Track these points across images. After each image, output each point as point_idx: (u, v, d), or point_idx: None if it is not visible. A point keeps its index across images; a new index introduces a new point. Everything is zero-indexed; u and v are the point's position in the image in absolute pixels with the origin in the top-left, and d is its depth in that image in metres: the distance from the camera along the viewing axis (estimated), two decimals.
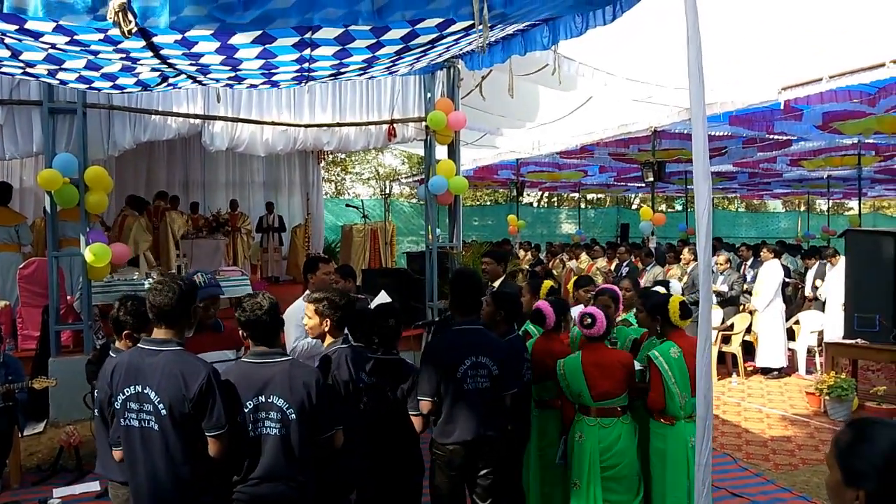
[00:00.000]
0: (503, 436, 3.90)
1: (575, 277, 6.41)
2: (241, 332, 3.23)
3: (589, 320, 4.12)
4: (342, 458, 3.41)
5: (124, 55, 3.94)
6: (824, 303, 10.05)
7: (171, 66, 4.22)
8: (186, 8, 3.08)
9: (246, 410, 3.02)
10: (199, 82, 5.09)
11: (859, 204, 17.24)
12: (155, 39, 3.59)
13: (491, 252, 6.21)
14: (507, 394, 3.88)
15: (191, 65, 4.19)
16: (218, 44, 3.70)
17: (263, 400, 3.04)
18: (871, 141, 12.34)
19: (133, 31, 2.92)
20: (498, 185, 23.20)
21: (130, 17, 2.84)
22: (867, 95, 8.88)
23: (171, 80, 4.87)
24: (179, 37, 3.52)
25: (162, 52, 3.84)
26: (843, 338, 7.97)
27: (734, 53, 7.43)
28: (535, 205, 31.38)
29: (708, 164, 3.19)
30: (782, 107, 8.94)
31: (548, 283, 5.10)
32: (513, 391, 3.93)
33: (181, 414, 2.85)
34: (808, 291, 10.97)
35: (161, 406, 2.84)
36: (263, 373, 3.08)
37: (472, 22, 3.47)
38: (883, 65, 7.67)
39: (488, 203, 30.57)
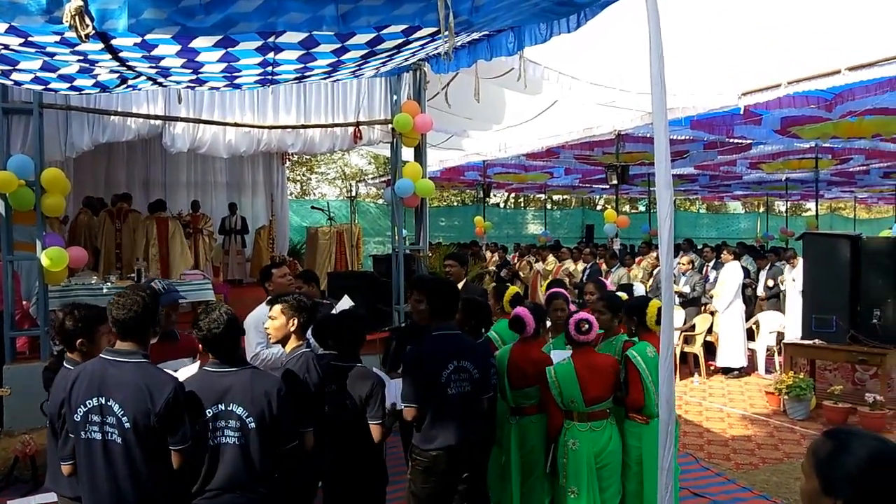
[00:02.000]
0: (481, 440, 3.93)
1: (543, 281, 6.51)
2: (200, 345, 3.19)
3: (586, 326, 4.16)
4: (309, 460, 3.40)
5: (82, 57, 3.84)
6: (781, 302, 10.25)
7: (130, 68, 4.13)
8: (146, 11, 3.02)
9: (205, 419, 2.98)
10: (160, 84, 5.00)
11: (816, 205, 17.66)
12: (113, 42, 3.50)
13: (454, 255, 6.25)
14: (485, 398, 3.92)
15: (151, 67, 4.11)
16: (178, 47, 3.64)
17: (223, 408, 3.00)
18: (827, 145, 12.70)
19: (90, 34, 2.85)
20: (464, 185, 23.26)
21: (87, 20, 2.76)
22: (824, 101, 9.13)
23: (130, 82, 4.77)
24: (139, 40, 3.44)
25: (121, 54, 3.76)
26: (801, 338, 8.16)
27: (695, 59, 7.56)
28: (502, 205, 31.55)
29: (670, 172, 3.24)
30: (742, 112, 9.13)
31: (512, 290, 5.13)
32: (489, 395, 3.97)
33: (146, 427, 2.81)
34: (760, 291, 11.15)
35: (125, 419, 2.80)
36: (223, 381, 3.04)
37: (438, 28, 3.47)
38: (839, 72, 7.89)
39: (455, 204, 30.64)
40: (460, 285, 5.50)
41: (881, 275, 7.60)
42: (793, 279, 10.01)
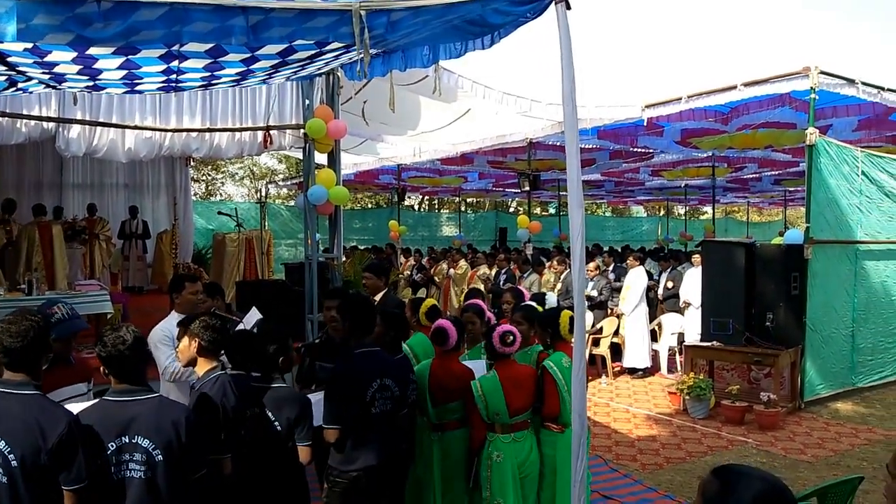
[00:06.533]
0: (401, 457, 3.90)
1: (455, 288, 6.52)
2: (102, 368, 2.98)
3: (511, 338, 4.14)
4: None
5: None
6: (679, 303, 10.66)
7: (20, 72, 3.84)
8: (37, 17, 2.80)
9: (108, 453, 2.80)
10: (54, 87, 4.68)
11: (713, 210, 18.67)
12: (1, 46, 3.24)
13: (371, 266, 6.10)
14: (400, 415, 3.86)
15: (43, 73, 3.83)
16: (74, 54, 3.41)
17: (127, 441, 2.81)
18: (723, 155, 13.43)
19: None
20: (379, 189, 23.13)
21: None
22: (721, 115, 9.64)
23: (20, 85, 4.44)
24: (30, 45, 3.20)
25: (9, 59, 3.48)
26: (701, 340, 8.56)
27: (603, 72, 7.82)
28: (417, 208, 31.59)
29: (581, 193, 3.32)
30: (645, 123, 9.51)
31: (429, 302, 5.09)
32: (404, 412, 3.91)
33: (35, 466, 2.59)
34: (660, 293, 11.56)
35: (12, 457, 2.58)
36: (127, 411, 2.85)
37: (351, 42, 3.40)
38: (735, 87, 8.37)
39: (370, 206, 30.40)
40: (379, 297, 5.41)
41: (773, 280, 8.07)
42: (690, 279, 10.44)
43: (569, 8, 3.21)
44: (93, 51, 3.40)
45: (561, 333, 4.41)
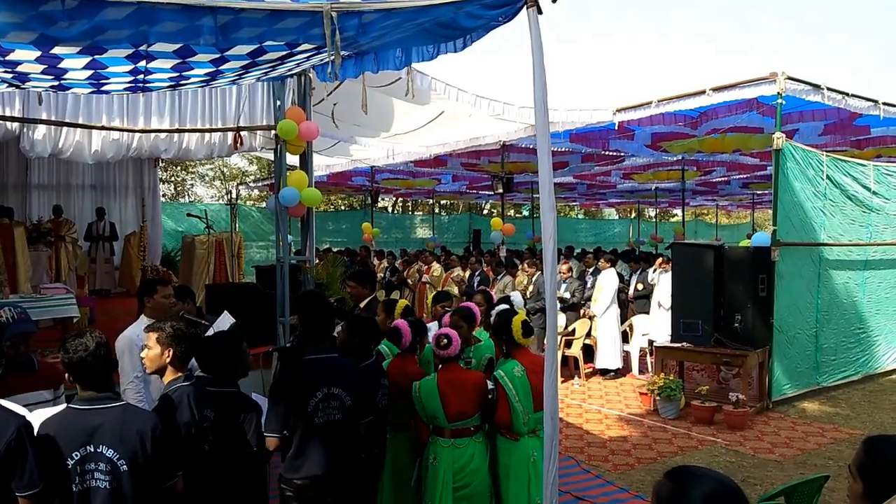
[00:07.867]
0: (355, 466, 3.81)
1: (431, 292, 6.50)
2: (66, 375, 2.92)
3: (445, 341, 4.14)
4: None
5: None
6: (653, 300, 10.77)
7: None
8: None
9: (71, 463, 2.74)
10: (17, 87, 4.57)
11: (683, 212, 18.95)
12: None
13: (355, 274, 6.02)
14: (362, 423, 3.80)
15: (6, 72, 3.74)
16: (38, 53, 3.33)
17: (91, 450, 2.76)
18: (693, 158, 13.64)
19: None
20: (352, 190, 23.04)
21: None
22: (690, 119, 9.78)
23: None
24: None
25: None
26: (671, 341, 8.65)
27: (574, 76, 7.88)
28: (390, 209, 31.52)
29: (553, 196, 3.33)
30: (617, 127, 9.61)
31: (402, 303, 5.07)
32: (367, 419, 3.85)
33: None
34: (630, 293, 11.67)
35: None
36: (91, 420, 2.79)
37: (322, 44, 3.38)
38: (704, 92, 8.51)
39: (343, 208, 30.24)
40: (363, 304, 5.36)
41: (741, 282, 8.19)
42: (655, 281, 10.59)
43: (540, 13, 3.23)
44: (57, 50, 3.32)
45: (515, 339, 4.36)
